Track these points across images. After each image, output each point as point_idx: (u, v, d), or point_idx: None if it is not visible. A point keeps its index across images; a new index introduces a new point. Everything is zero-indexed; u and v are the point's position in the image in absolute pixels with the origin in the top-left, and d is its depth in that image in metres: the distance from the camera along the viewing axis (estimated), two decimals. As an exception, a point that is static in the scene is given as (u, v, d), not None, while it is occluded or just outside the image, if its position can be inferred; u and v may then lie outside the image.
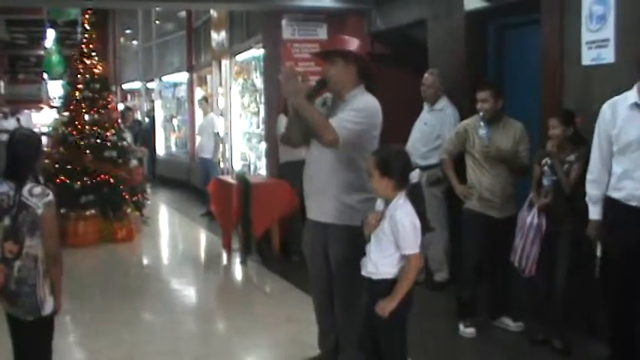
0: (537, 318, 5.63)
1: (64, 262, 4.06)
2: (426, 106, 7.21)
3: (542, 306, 5.53)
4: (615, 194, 4.54)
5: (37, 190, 3.82)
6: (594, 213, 4.69)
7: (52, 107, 14.70)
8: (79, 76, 10.84)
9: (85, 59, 10.90)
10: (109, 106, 10.99)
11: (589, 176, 4.70)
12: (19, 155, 3.90)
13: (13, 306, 3.87)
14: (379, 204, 3.99)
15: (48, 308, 3.89)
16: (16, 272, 3.81)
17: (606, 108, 4.58)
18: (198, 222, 11.87)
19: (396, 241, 3.80)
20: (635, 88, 4.46)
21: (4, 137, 5.67)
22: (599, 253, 4.89)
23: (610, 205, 4.60)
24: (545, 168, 5.31)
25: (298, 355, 5.31)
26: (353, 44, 4.61)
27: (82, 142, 10.42)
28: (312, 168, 4.58)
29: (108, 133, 10.64)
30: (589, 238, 4.77)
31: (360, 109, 4.39)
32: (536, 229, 5.34)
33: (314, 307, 4.86)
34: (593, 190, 4.68)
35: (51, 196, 3.87)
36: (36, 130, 21.73)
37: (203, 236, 11.00)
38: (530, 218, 5.39)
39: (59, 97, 11.68)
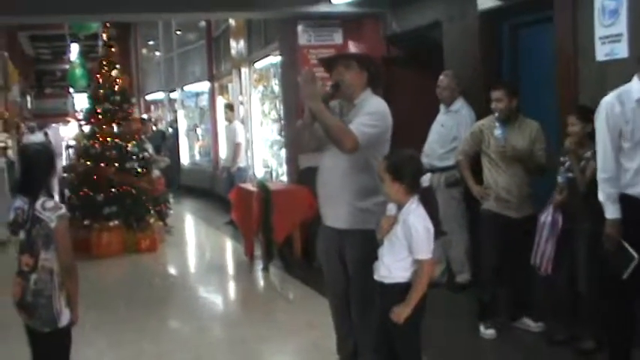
0: (557, 318, 5.58)
1: (88, 273, 4.14)
2: (442, 108, 7.20)
3: (562, 305, 5.48)
4: (631, 191, 4.36)
5: (50, 203, 3.87)
6: (614, 212, 4.40)
7: (79, 120, 14.87)
8: (99, 89, 10.95)
9: (105, 72, 11.01)
10: (130, 118, 11.08)
11: (603, 175, 4.43)
12: (31, 170, 3.96)
13: (31, 318, 3.95)
14: (390, 208, 3.98)
15: (64, 320, 3.95)
16: (32, 285, 3.88)
17: (614, 102, 4.37)
18: (222, 230, 11.91)
19: (409, 246, 3.80)
20: (635, 80, 4.35)
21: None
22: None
23: (626, 202, 4.38)
24: (561, 165, 5.27)
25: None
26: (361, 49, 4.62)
27: (104, 154, 10.51)
28: (326, 174, 4.56)
29: (129, 145, 10.73)
30: (609, 237, 4.44)
31: (375, 113, 4.39)
32: (550, 227, 5.32)
33: (331, 313, 4.85)
34: (610, 189, 4.40)
35: (64, 210, 3.91)
36: (63, 143, 22.01)
37: (226, 244, 11.04)
38: (544, 216, 5.36)
39: (84, 110, 11.77)
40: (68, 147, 19.96)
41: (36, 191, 3.92)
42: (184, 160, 19.05)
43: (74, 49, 26.56)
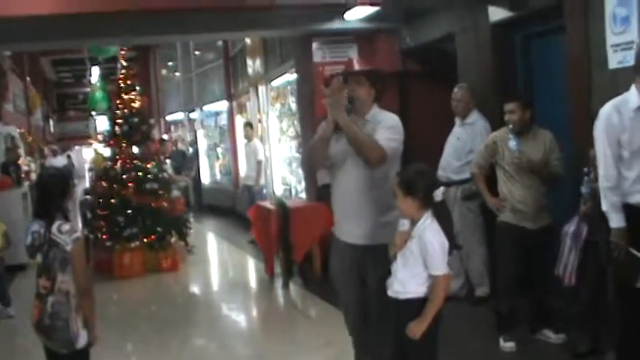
0: (580, 329, 5.52)
1: (110, 294, 4.19)
2: (457, 121, 7.20)
3: (585, 317, 5.43)
4: (631, 199, 4.38)
5: (66, 227, 3.92)
6: (618, 220, 4.41)
7: (100, 142, 15.11)
8: (117, 111, 11.06)
9: (122, 94, 11.12)
10: (149, 139, 11.17)
11: (606, 184, 4.44)
12: (47, 194, 4.02)
13: (49, 340, 4.00)
14: (403, 223, 3.97)
15: (82, 341, 3.99)
16: (49, 308, 3.93)
17: (612, 112, 4.39)
18: (243, 249, 11.93)
19: (424, 261, 3.79)
20: (633, 90, 4.35)
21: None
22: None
23: (627, 211, 4.40)
24: (585, 176, 5.23)
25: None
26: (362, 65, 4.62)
27: (123, 176, 10.60)
28: (344, 190, 4.53)
29: (149, 166, 10.82)
30: (616, 246, 4.44)
31: (395, 127, 4.42)
32: (572, 238, 5.27)
33: (349, 331, 4.84)
34: (613, 197, 4.42)
35: (79, 233, 3.97)
36: (86, 165, 22.12)
37: (247, 262, 11.06)
38: (568, 227, 5.32)
39: (104, 132, 11.92)
40: (91, 169, 20.12)
41: (51, 215, 3.97)
42: (205, 179, 19.15)
43: (95, 72, 26.85)
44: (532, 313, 5.93)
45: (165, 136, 17.94)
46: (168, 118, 23.32)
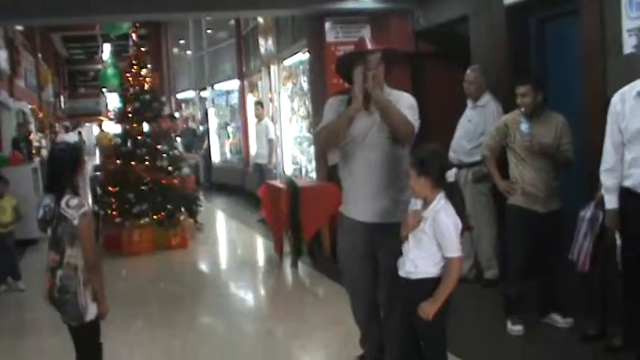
0: (589, 314, 5.52)
1: (119, 270, 4.22)
2: (469, 103, 7.17)
3: (595, 302, 5.42)
4: (626, 182, 4.49)
5: (74, 201, 3.93)
6: (611, 202, 4.61)
7: (111, 120, 15.15)
8: (129, 88, 11.07)
9: (134, 71, 11.13)
10: (160, 117, 11.18)
11: (603, 166, 4.60)
12: (56, 169, 4.04)
13: (60, 312, 4.04)
14: (415, 202, 3.97)
15: (91, 314, 4.02)
16: (58, 281, 3.97)
17: (617, 99, 4.49)
18: (252, 227, 11.96)
19: (438, 243, 3.78)
20: None
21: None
22: (618, 242, 4.80)
23: (623, 194, 4.53)
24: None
25: (346, 355, 5.34)
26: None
27: (134, 153, 10.62)
28: (362, 168, 4.48)
29: (159, 143, 10.84)
30: (608, 228, 4.70)
31: (414, 106, 4.44)
32: (588, 223, 5.24)
33: (357, 310, 4.85)
34: (608, 180, 4.59)
35: (87, 207, 3.98)
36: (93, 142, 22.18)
37: (256, 241, 11.10)
38: (584, 212, 5.30)
39: (115, 110, 11.93)
40: (96, 146, 20.16)
41: (61, 189, 3.99)
42: (215, 157, 19.16)
43: (106, 49, 26.84)
44: (540, 297, 5.93)
45: (176, 114, 17.91)
46: (179, 96, 23.31)
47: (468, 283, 6.92)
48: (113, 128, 12.84)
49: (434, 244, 3.80)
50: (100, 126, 11.55)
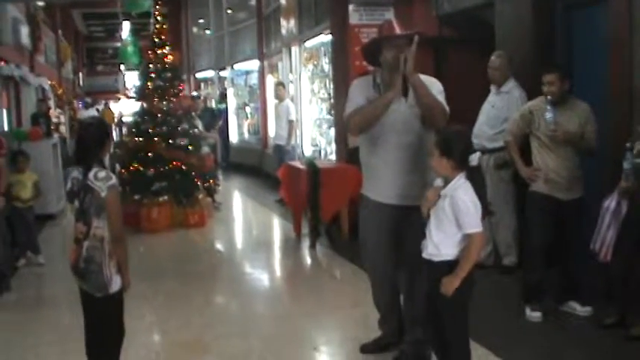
0: (608, 303, 5.51)
1: (137, 247, 4.25)
2: (493, 89, 7.14)
3: (615, 291, 5.41)
4: None
5: (102, 174, 3.98)
6: None
7: (129, 98, 15.22)
8: (150, 66, 11.09)
9: (156, 49, 11.14)
10: (180, 95, 11.19)
11: None
12: (85, 142, 4.10)
13: (85, 283, 4.09)
14: (437, 180, 3.99)
15: (115, 286, 4.07)
16: (84, 252, 4.03)
17: None
18: (270, 208, 11.99)
19: (457, 221, 3.79)
20: None
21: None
22: None
23: None
24: (628, 151, 5.16)
25: (363, 336, 5.36)
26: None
27: (154, 130, 10.65)
28: (393, 152, 4.53)
29: (179, 122, 10.87)
30: None
31: (442, 91, 4.50)
32: (612, 214, 5.21)
33: (378, 292, 4.87)
34: None
35: (114, 180, 4.02)
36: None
37: (274, 221, 11.13)
38: (608, 202, 5.27)
39: (135, 88, 11.96)
40: (119, 123, 20.22)
41: (88, 162, 4.04)
42: (233, 138, 19.18)
43: (126, 27, 26.89)
44: (559, 285, 5.93)
45: (195, 93, 17.92)
46: (198, 75, 23.33)
47: (486, 270, 6.93)
48: (124, 107, 12.88)
49: (453, 224, 3.81)
50: (107, 104, 11.51)
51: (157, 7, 11.71)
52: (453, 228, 3.82)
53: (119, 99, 34.95)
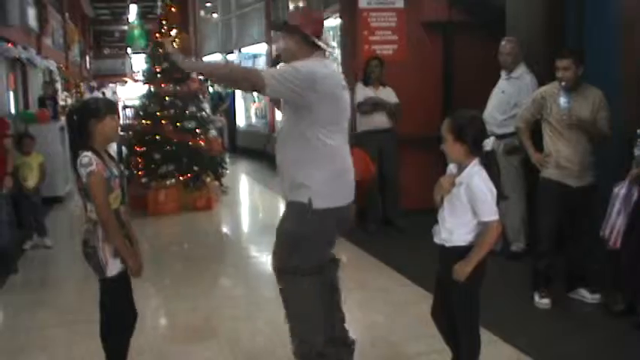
0: (617, 291, 5.47)
1: (145, 230, 4.23)
2: (503, 74, 7.08)
3: (625, 279, 5.37)
4: None
5: (85, 160, 3.89)
6: None
7: (136, 81, 15.18)
8: (158, 48, 11.04)
9: (164, 31, 11.09)
10: (189, 78, 11.15)
11: None
12: (69, 129, 4.10)
13: (88, 265, 4.05)
14: (451, 167, 3.94)
15: (113, 269, 4.01)
16: (83, 235, 4.03)
17: None
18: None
19: (473, 208, 3.74)
20: None
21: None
22: None
23: None
24: (638, 138, 5.12)
25: (367, 319, 5.34)
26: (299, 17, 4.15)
27: (162, 113, 10.62)
28: (343, 150, 4.23)
29: (187, 105, 10.83)
30: None
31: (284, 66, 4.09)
32: (622, 201, 5.18)
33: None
34: None
35: (94, 166, 3.87)
36: (120, 103, 22.28)
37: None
38: (618, 188, 5.23)
39: (142, 71, 11.91)
40: (125, 107, 20.19)
41: (74, 148, 4.02)
42: (240, 122, 19.14)
43: (133, 10, 26.81)
44: (568, 272, 5.90)
45: (202, 77, 17.84)
46: (206, 58, 23.25)
47: (495, 256, 6.87)
48: (130, 90, 12.83)
49: (468, 210, 3.76)
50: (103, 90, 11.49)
51: (165, -11, 11.64)
52: (467, 215, 3.77)
53: (126, 82, 34.92)
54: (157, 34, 11.28)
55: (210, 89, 15.89)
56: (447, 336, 4.07)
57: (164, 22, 11.22)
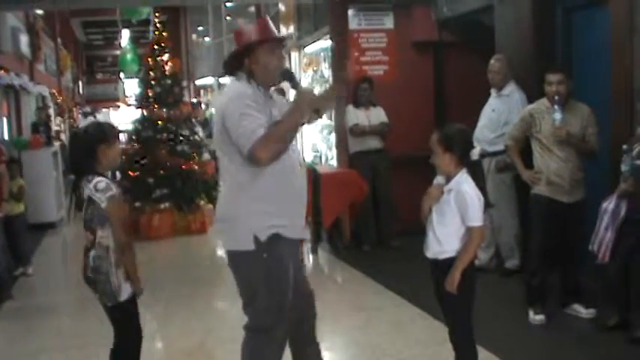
0: (610, 305, 5.49)
1: (138, 255, 4.18)
2: (493, 92, 7.13)
3: (615, 293, 5.39)
4: None
5: (102, 185, 3.93)
6: None
7: (129, 105, 15.24)
8: (150, 73, 11.09)
9: (156, 56, 11.14)
10: (181, 102, 11.20)
11: None
12: (73, 153, 4.14)
13: (95, 292, 4.07)
14: (439, 179, 4.02)
15: (125, 294, 4.04)
16: (91, 261, 4.00)
17: None
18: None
19: (462, 214, 3.83)
20: None
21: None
22: None
23: None
24: (625, 153, 5.16)
25: (367, 343, 5.34)
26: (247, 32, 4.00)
27: (155, 137, 10.65)
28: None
29: (180, 128, 10.87)
30: None
31: None
32: (611, 215, 5.22)
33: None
34: None
35: (114, 191, 3.95)
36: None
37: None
38: (606, 203, 5.27)
39: (135, 95, 11.96)
40: (118, 132, 20.22)
41: (80, 173, 4.04)
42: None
43: (125, 35, 26.87)
44: (562, 288, 5.92)
45: (194, 100, 17.93)
46: (198, 82, 23.35)
47: (489, 273, 6.93)
48: (123, 115, 12.88)
49: (457, 217, 3.85)
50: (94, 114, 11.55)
51: (156, 14, 11.73)
52: (456, 222, 3.86)
53: (119, 107, 34.95)
54: (149, 59, 11.32)
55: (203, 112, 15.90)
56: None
57: (156, 47, 11.27)
